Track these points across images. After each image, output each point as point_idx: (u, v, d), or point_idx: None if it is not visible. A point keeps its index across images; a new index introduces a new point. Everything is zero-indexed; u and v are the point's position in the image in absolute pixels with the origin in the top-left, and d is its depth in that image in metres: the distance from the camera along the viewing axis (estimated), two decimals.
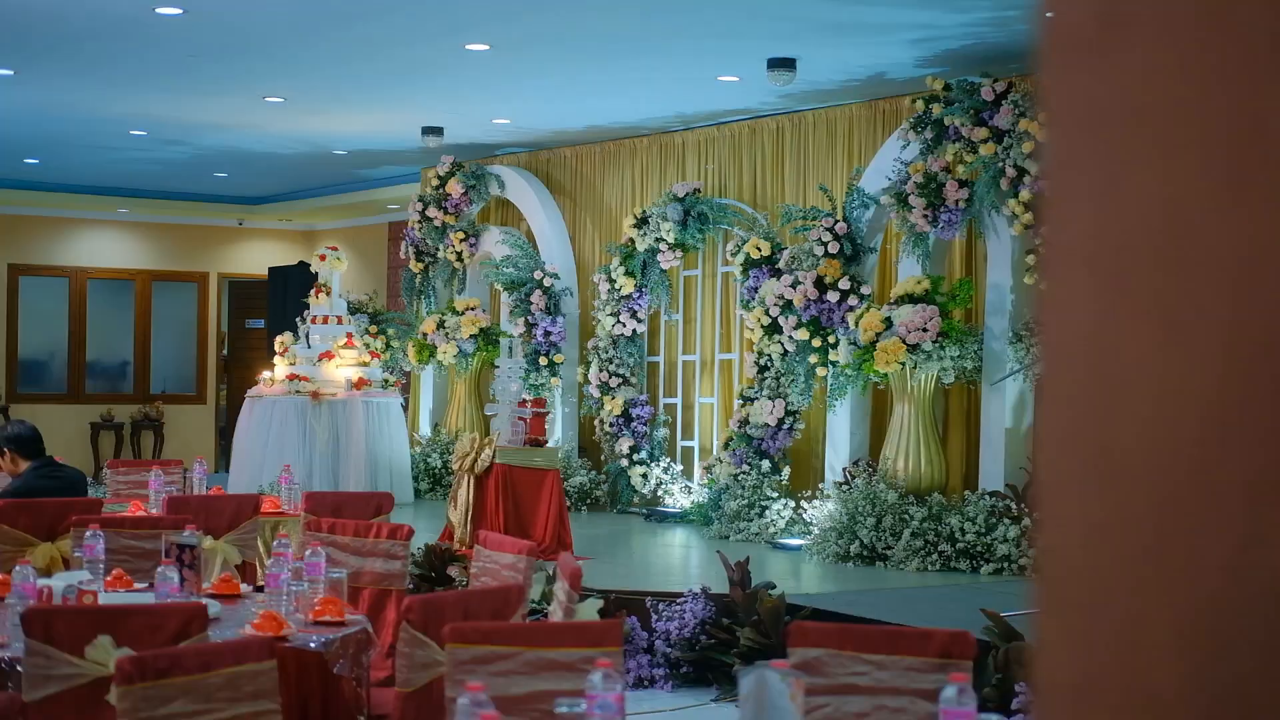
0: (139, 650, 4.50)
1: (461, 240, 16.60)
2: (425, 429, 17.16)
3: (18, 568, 5.26)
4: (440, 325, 16.33)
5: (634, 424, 14.78)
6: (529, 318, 15.51)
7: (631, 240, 14.76)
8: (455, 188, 16.55)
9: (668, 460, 14.74)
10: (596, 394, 14.97)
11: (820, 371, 12.57)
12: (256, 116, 14.90)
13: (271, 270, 21.51)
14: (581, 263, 16.11)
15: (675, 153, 15.18)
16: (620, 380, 14.94)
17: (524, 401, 12.01)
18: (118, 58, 12.24)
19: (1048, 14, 1.55)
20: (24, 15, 10.78)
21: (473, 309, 16.31)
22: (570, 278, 15.87)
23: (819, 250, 12.45)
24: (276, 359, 15.30)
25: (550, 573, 9.57)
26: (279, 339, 15.59)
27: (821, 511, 12.22)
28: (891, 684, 4.35)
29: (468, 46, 11.45)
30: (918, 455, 11.60)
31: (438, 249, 16.96)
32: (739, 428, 13.44)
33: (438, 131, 15.29)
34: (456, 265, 16.80)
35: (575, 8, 10.42)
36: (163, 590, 5.36)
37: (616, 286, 14.85)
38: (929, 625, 8.49)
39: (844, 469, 12.39)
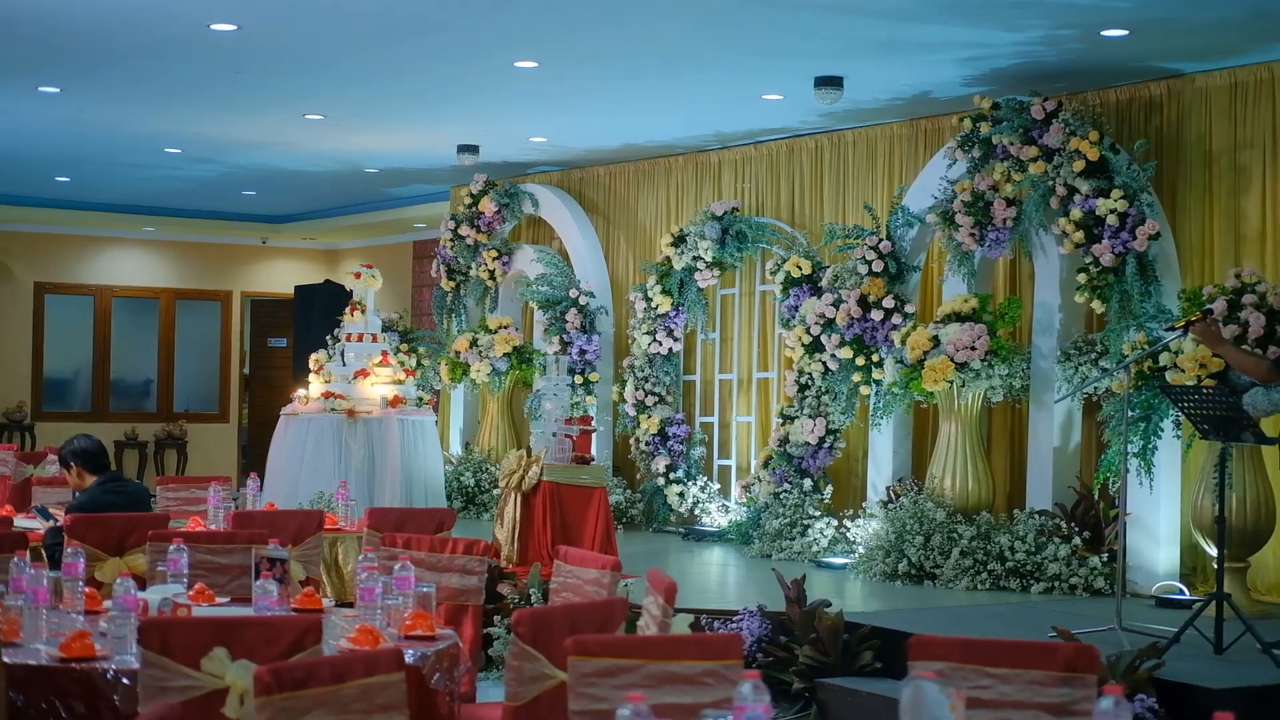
0: (256, 662, 4.48)
1: (494, 259, 16.59)
2: (456, 447, 17.15)
3: (119, 580, 5.24)
4: (473, 343, 16.31)
5: (670, 443, 14.77)
6: (564, 336, 15.50)
7: (668, 259, 14.75)
8: (488, 206, 16.55)
9: (704, 479, 14.71)
10: (632, 412, 14.96)
11: (864, 390, 12.54)
12: (293, 134, 14.91)
13: (298, 289, 21.52)
14: (615, 281, 16.10)
15: (711, 171, 15.18)
16: (656, 399, 14.92)
17: (569, 419, 11.98)
18: (162, 75, 12.25)
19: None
20: (73, 34, 10.80)
21: (505, 327, 16.31)
22: (605, 296, 15.87)
23: (862, 269, 12.43)
24: (311, 376, 15.26)
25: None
26: (314, 357, 15.56)
27: (866, 530, 12.20)
28: (1016, 698, 4.33)
29: (517, 64, 11.45)
30: (965, 474, 11.58)
31: (469, 267, 16.96)
32: (779, 446, 13.42)
33: (473, 150, 15.29)
34: (489, 283, 16.79)
35: (626, 26, 10.43)
36: (262, 604, 5.34)
37: (653, 305, 14.84)
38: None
39: (888, 488, 12.36)
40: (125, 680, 4.99)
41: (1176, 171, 11.16)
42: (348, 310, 15.49)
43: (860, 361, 12.45)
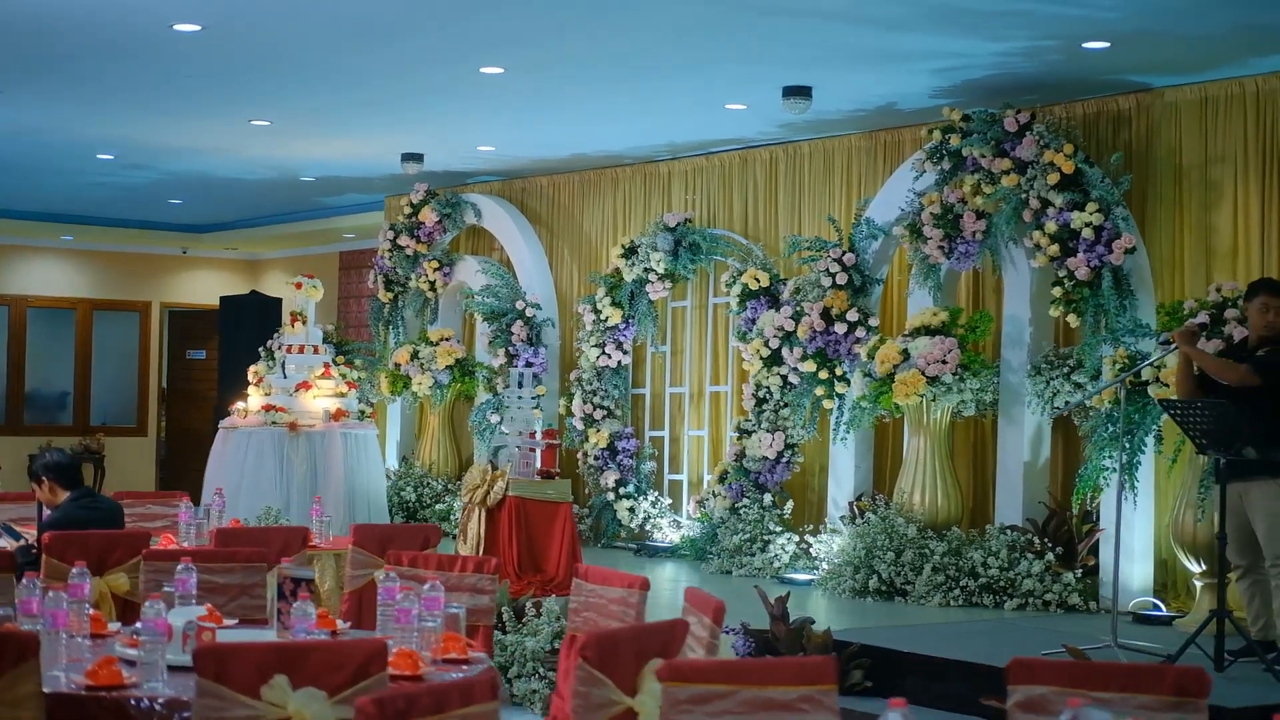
0: (320, 690, 4.23)
1: (435, 269, 16.30)
2: (392, 461, 16.82)
3: (149, 604, 4.93)
4: (414, 356, 16.01)
5: (620, 457, 14.55)
6: (509, 348, 15.24)
7: (618, 270, 14.55)
8: (429, 216, 16.27)
9: (655, 494, 14.50)
10: (580, 426, 14.72)
11: (826, 404, 12.40)
12: (236, 140, 14.55)
13: (223, 299, 21.05)
14: (560, 293, 15.87)
15: (660, 182, 15.00)
16: (605, 412, 14.70)
17: (529, 432, 11.74)
18: (110, 77, 11.88)
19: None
20: (27, 32, 10.41)
21: (447, 339, 16.02)
22: (551, 308, 15.63)
23: (825, 281, 12.30)
24: (250, 389, 14.89)
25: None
26: (253, 369, 15.19)
27: (829, 546, 12.06)
28: None
29: (483, 69, 11.20)
30: (934, 489, 11.46)
31: (408, 278, 16.66)
32: (735, 461, 13.24)
33: (418, 158, 15.01)
34: (429, 295, 16.50)
35: (595, 32, 10.23)
36: (299, 626, 5.06)
37: (602, 317, 14.62)
38: (993, 660, 8.34)
39: (850, 503, 12.23)
40: (157, 708, 4.70)
41: (1146, 185, 11.12)
42: (288, 321, 15.14)
43: (823, 375, 12.30)
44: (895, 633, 9.47)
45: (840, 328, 12.19)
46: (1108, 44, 9.94)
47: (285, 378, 14.82)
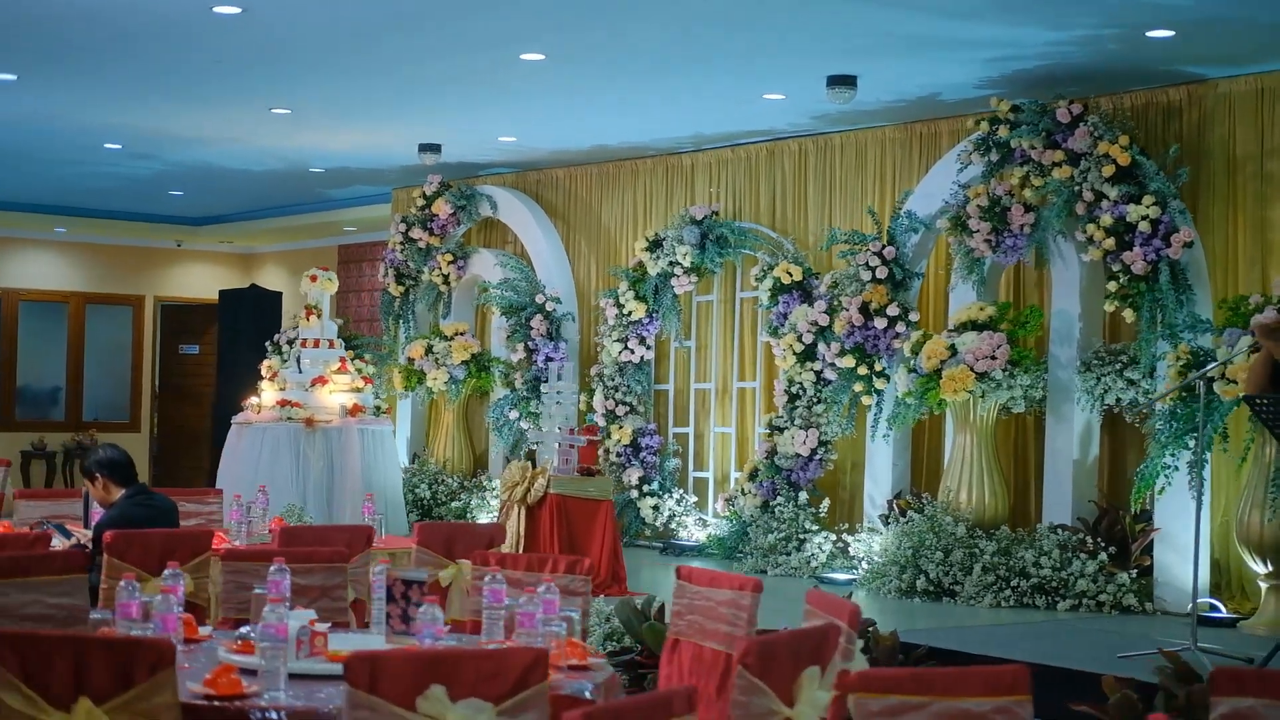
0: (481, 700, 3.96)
1: (450, 262, 16.00)
2: (402, 458, 16.51)
3: (269, 608, 4.65)
4: (428, 350, 15.70)
5: (643, 454, 14.28)
6: (528, 343, 14.95)
7: (641, 264, 14.28)
8: (443, 208, 15.97)
9: (680, 492, 14.23)
10: (602, 422, 14.44)
11: (865, 400, 12.15)
12: (248, 130, 14.23)
13: (222, 293, 20.70)
14: (579, 287, 15.59)
15: (683, 175, 14.74)
16: (627, 409, 14.43)
17: (572, 429, 11.46)
18: (132, 63, 11.57)
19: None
20: (57, 15, 10.09)
21: (461, 334, 15.72)
22: (570, 302, 15.34)
23: (865, 275, 12.06)
24: (264, 384, 14.58)
25: (638, 606, 9.07)
26: (266, 363, 14.89)
27: (869, 545, 11.82)
28: None
29: (524, 56, 10.92)
30: (981, 487, 11.23)
31: (420, 271, 16.35)
32: (766, 458, 12.99)
33: (435, 149, 14.71)
34: (442, 288, 16.19)
35: (638, 19, 9.97)
36: (426, 631, 4.77)
37: (625, 311, 14.35)
38: (1065, 662, 8.11)
39: (890, 501, 12.00)
40: (281, 718, 4.43)
41: (1198, 178, 10.90)
42: (303, 314, 14.81)
43: (862, 370, 12.06)
44: (958, 635, 9.24)
45: (880, 322, 11.95)
46: (1172, 32, 9.72)
47: (300, 372, 14.51)
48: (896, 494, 12.15)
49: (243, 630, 5.13)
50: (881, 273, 11.98)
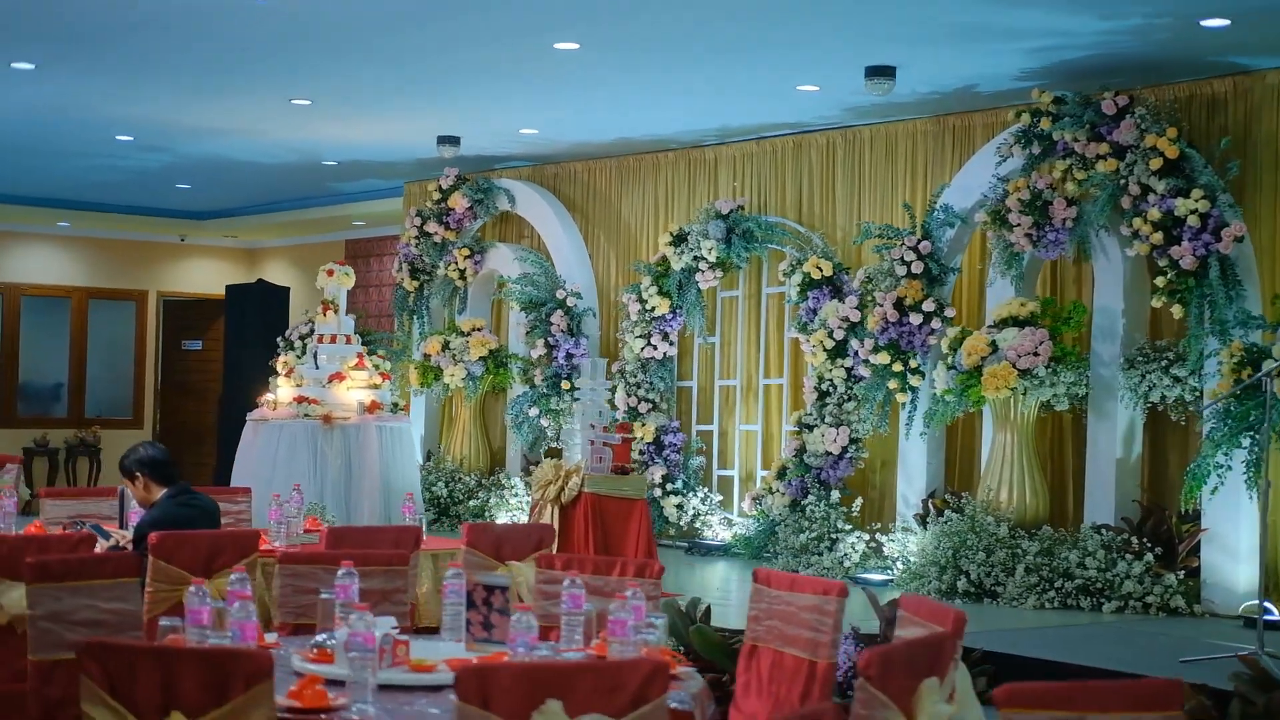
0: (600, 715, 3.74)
1: (466, 257, 15.75)
2: (416, 455, 16.25)
3: (356, 615, 4.41)
4: (445, 346, 15.45)
5: (666, 451, 14.05)
6: (548, 339, 14.71)
7: (664, 258, 14.04)
8: (459, 202, 15.72)
9: (704, 490, 14.00)
10: (625, 420, 14.20)
11: (900, 397, 11.93)
12: (264, 121, 13.98)
13: (229, 288, 20.44)
14: (598, 282, 15.34)
15: (706, 168, 14.50)
16: (650, 405, 14.20)
17: (605, 426, 11.22)
18: (152, 54, 11.34)
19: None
20: (62, 5, 9.86)
21: (479, 329, 15.47)
22: (591, 297, 15.10)
23: (900, 270, 11.83)
24: (280, 379, 14.32)
25: (682, 608, 8.85)
26: (282, 359, 14.63)
27: (904, 545, 11.60)
28: None
29: (558, 45, 10.68)
30: (1021, 486, 11.02)
31: (435, 266, 16.10)
32: (795, 456, 12.77)
33: (454, 141, 14.46)
34: (459, 283, 15.94)
35: (675, 9, 9.74)
36: (520, 641, 4.53)
37: (648, 307, 14.12)
38: (1125, 666, 7.90)
39: (925, 500, 11.78)
40: None
41: (1245, 171, 10.67)
42: (319, 309, 14.55)
43: (897, 367, 11.83)
44: (1008, 637, 9.02)
45: (915, 318, 11.73)
46: (1228, 21, 9.50)
47: (317, 368, 14.25)
48: (930, 493, 11.94)
49: (319, 638, 4.89)
50: (917, 268, 11.76)
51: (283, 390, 14.22)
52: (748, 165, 14.12)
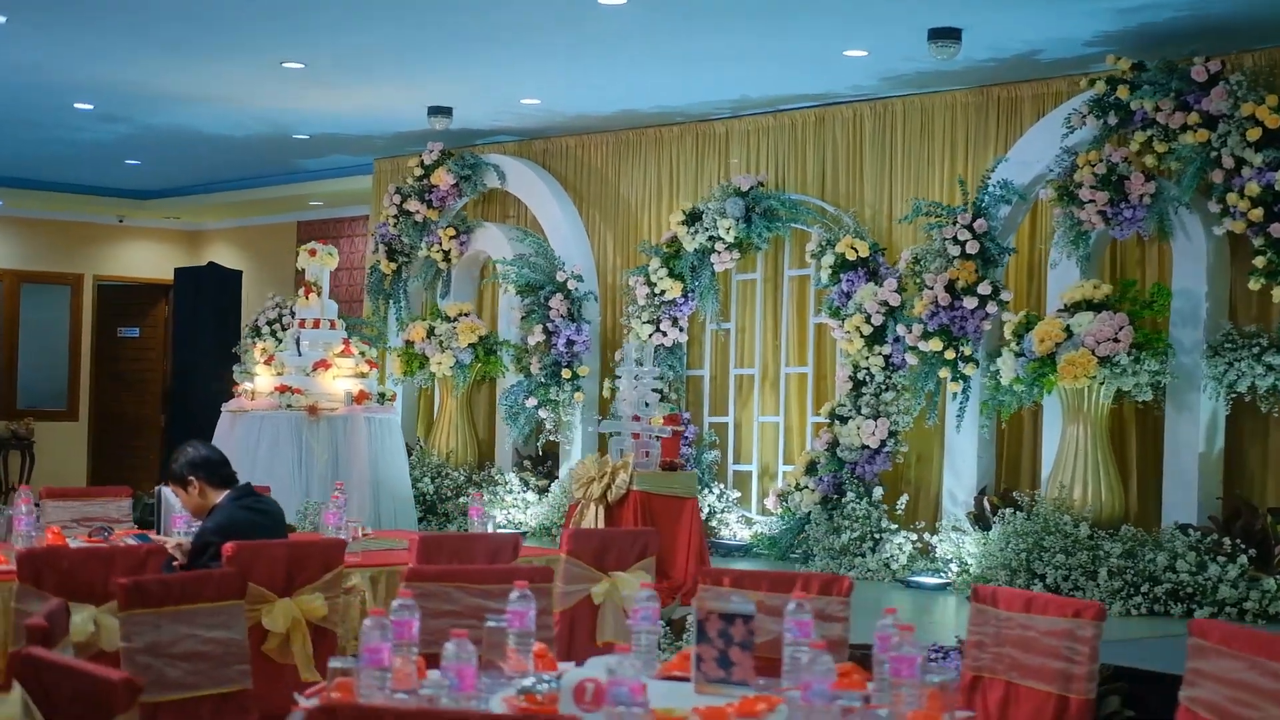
0: None
1: (451, 237, 14.74)
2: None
3: (616, 659, 3.48)
4: (430, 333, 14.44)
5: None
6: (547, 324, 13.73)
7: (675, 239, 13.13)
8: (444, 178, 14.70)
9: (720, 486, 13.09)
10: (628, 410, 13.24)
11: (952, 387, 11.11)
12: (247, 88, 12.92)
13: (178, 271, 19.25)
14: (598, 264, 14.40)
15: (716, 143, 13.60)
16: (659, 396, 13.25)
17: (637, 417, 10.29)
18: (130, 10, 10.28)
19: None
20: None
21: (466, 314, 14.47)
22: (591, 280, 14.14)
23: (953, 250, 11.01)
24: (259, 367, 13.27)
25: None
26: (260, 345, 13.57)
27: (959, 546, 10.79)
28: None
29: (601, 1, 9.74)
30: (1097, 483, 10.23)
31: (415, 247, 15.07)
32: (826, 450, 11.92)
33: (446, 112, 13.45)
34: (442, 265, 14.93)
35: None
36: (816, 690, 3.59)
37: (657, 291, 13.19)
38: None
39: (981, 498, 10.97)
40: None
41: None
42: (301, 293, 13.52)
43: (949, 355, 11.01)
44: (1114, 649, 8.20)
45: (969, 302, 10.91)
46: None
47: (300, 355, 13.23)
48: (980, 490, 11.14)
49: (527, 683, 3.92)
50: (971, 247, 10.94)
51: (262, 379, 13.19)
52: (763, 140, 13.24)
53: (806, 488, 11.97)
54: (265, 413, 12.89)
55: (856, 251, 11.88)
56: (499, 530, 13.35)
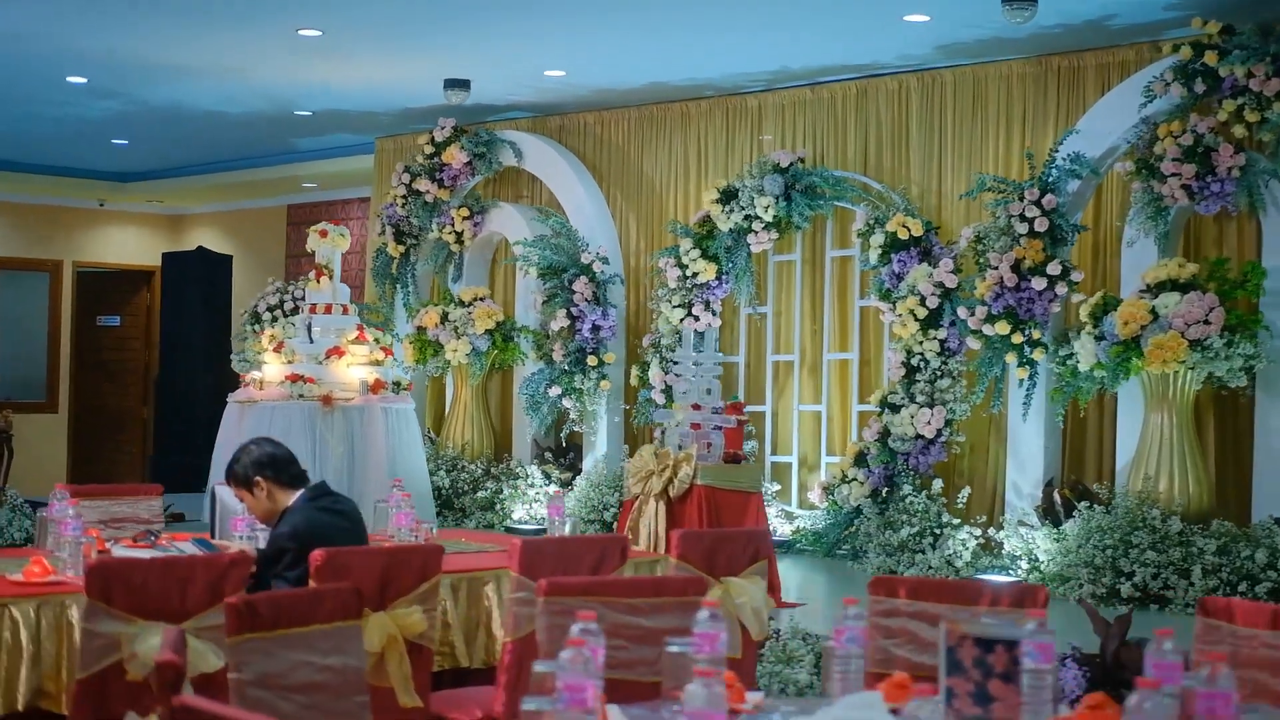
0: None
1: (465, 218, 14.00)
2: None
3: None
4: (444, 319, 13.70)
5: None
6: (571, 309, 13.01)
7: (708, 218, 12.44)
8: (457, 156, 13.96)
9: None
10: (661, 400, 12.57)
11: (1020, 373, 10.47)
12: (255, 59, 12.17)
13: (166, 256, 18.44)
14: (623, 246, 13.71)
15: (748, 117, 12.92)
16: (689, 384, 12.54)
17: (697, 406, 9.59)
18: None
19: None
20: None
21: (481, 299, 13.74)
22: (617, 262, 13.43)
23: (1021, 228, 10.36)
24: (268, 355, 12.53)
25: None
26: (269, 332, 12.82)
27: (1030, 542, 10.14)
28: None
29: None
30: (1184, 474, 9.60)
31: (425, 229, 14.32)
32: (877, 440, 11.26)
33: (463, 85, 12.72)
34: (454, 248, 14.19)
35: None
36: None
37: (689, 273, 12.50)
38: None
39: (1051, 490, 10.34)
40: None
41: None
42: (312, 276, 12.78)
43: (1016, 339, 10.37)
44: None
45: (1038, 282, 10.26)
46: None
47: (312, 342, 12.50)
48: (1047, 482, 10.51)
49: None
50: (1040, 225, 10.29)
51: (271, 368, 12.45)
52: (800, 114, 12.56)
53: (855, 480, 11.32)
54: (276, 403, 12.16)
55: (909, 230, 11.23)
56: (519, 528, 12.67)
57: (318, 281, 12.71)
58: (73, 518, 5.58)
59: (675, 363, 10.33)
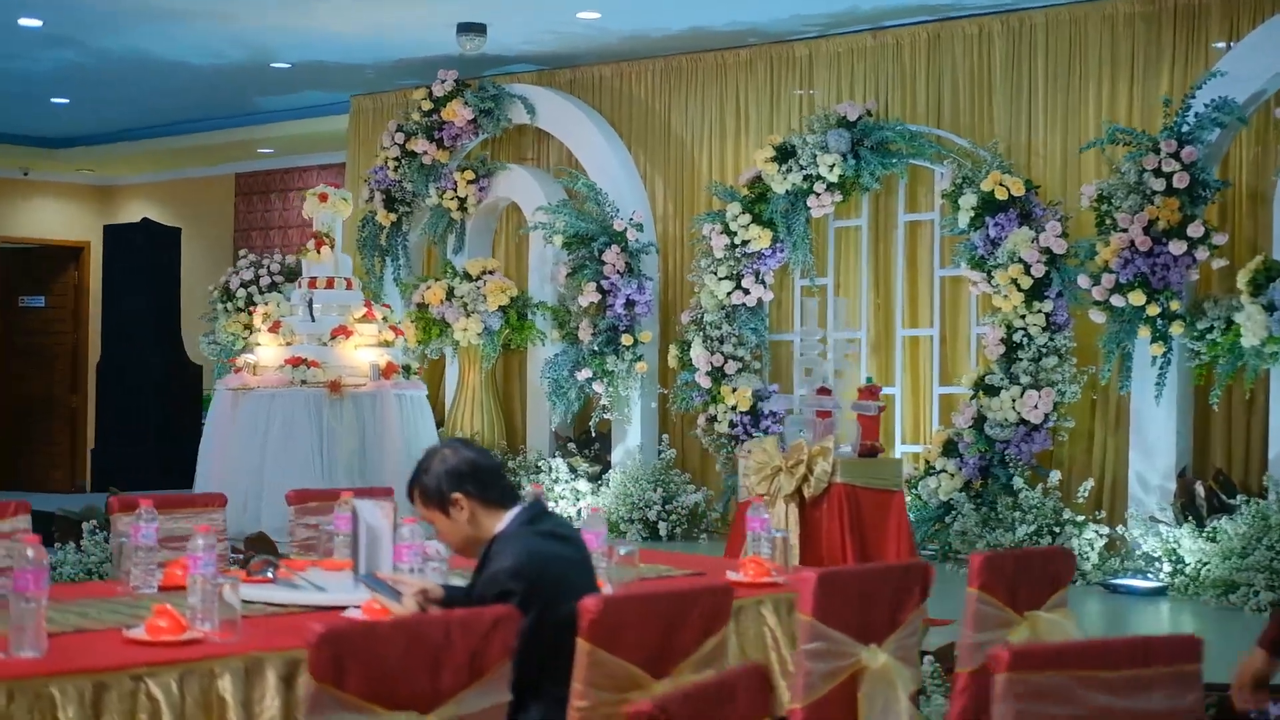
0: None
1: (469, 182, 12.53)
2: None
3: None
4: (450, 295, 12.22)
5: (765, 422, 11.08)
6: (601, 282, 11.60)
7: (760, 178, 11.09)
8: (460, 113, 12.47)
9: None
10: (707, 383, 11.21)
11: (1154, 350, 9.22)
12: (236, 3, 10.64)
13: (109, 229, 16.70)
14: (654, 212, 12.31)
15: (794, 68, 11.60)
16: (739, 365, 11.22)
17: (825, 389, 8.24)
18: None
19: None
20: None
21: (491, 272, 12.28)
22: (649, 230, 12.03)
23: (1156, 185, 9.11)
24: (264, 336, 11.03)
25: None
26: (263, 310, 11.31)
27: (1174, 542, 8.91)
28: None
29: None
30: None
31: (421, 194, 12.82)
32: (971, 426, 9.99)
33: (479, 30, 11.27)
34: (456, 215, 12.70)
35: None
36: None
37: (738, 240, 11.14)
38: None
39: (1191, 483, 9.12)
40: None
41: None
42: (312, 246, 11.28)
43: (1152, 310, 9.12)
44: None
45: (1176, 246, 9.03)
46: None
47: (314, 321, 11.00)
48: (1180, 472, 9.30)
49: None
50: (1180, 180, 9.04)
51: (267, 350, 10.96)
52: (858, 64, 11.24)
53: (945, 471, 10.04)
54: (275, 390, 10.71)
55: (1008, 190, 9.94)
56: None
57: (318, 252, 11.23)
58: (203, 550, 4.08)
59: (801, 342, 8.94)
